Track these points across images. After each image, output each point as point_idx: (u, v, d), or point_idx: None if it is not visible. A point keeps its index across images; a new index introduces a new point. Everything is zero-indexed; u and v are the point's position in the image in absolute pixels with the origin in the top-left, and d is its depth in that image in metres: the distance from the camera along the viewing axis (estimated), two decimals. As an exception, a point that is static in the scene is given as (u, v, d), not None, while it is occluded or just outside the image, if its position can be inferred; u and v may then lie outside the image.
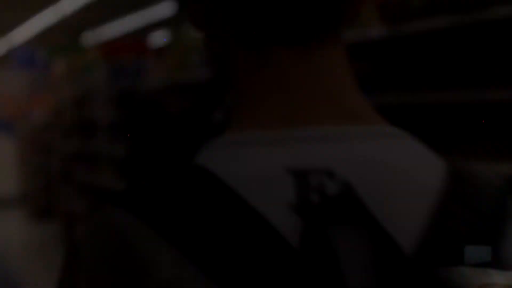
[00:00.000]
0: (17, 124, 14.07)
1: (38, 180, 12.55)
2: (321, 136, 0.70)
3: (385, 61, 4.09)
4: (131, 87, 8.10)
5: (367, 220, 0.66)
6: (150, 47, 10.63)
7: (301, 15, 0.72)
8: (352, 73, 0.75)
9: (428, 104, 4.00)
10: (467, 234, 0.69)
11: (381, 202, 0.68)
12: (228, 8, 0.72)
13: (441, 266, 0.66)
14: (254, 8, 0.71)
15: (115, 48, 13.13)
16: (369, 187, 0.69)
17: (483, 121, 3.70)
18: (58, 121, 11.69)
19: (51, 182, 11.73)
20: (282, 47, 0.73)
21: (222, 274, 0.64)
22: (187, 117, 5.41)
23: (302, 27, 0.72)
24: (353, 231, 0.66)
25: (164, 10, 14.81)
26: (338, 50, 0.74)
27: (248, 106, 0.73)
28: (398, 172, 0.71)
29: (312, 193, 0.67)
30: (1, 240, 10.75)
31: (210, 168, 0.69)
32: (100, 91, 9.43)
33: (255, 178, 0.68)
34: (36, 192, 12.58)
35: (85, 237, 0.71)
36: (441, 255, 0.67)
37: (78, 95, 10.93)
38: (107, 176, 8.10)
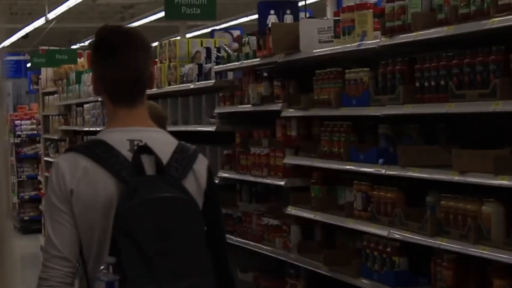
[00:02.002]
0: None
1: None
2: (137, 129, 2.70)
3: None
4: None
5: (152, 152, 2.63)
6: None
7: (132, 95, 2.73)
8: (147, 113, 2.76)
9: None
10: (182, 163, 2.68)
11: (156, 148, 2.64)
12: (104, 91, 2.74)
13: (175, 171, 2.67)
14: (113, 92, 2.73)
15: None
16: (152, 144, 2.64)
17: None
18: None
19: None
20: (123, 106, 2.73)
21: (115, 169, 2.61)
22: None
23: (132, 99, 2.72)
24: (148, 156, 2.62)
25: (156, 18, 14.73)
26: (144, 103, 2.74)
27: (111, 123, 2.74)
28: (161, 141, 2.71)
29: (134, 146, 2.65)
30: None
31: (101, 138, 2.69)
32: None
33: (116, 142, 2.66)
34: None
35: (60, 159, 2.69)
36: (173, 168, 2.65)
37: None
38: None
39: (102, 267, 2.46)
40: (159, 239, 2.46)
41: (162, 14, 14.89)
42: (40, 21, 16.95)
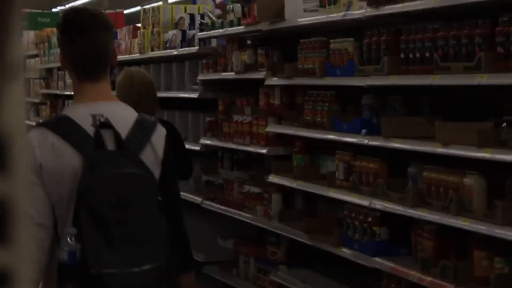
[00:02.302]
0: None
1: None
2: (100, 103, 2.87)
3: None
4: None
5: (112, 126, 2.79)
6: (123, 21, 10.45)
7: (96, 72, 2.90)
8: (109, 88, 2.96)
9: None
10: (140, 136, 2.86)
11: (116, 123, 2.80)
12: (71, 68, 2.93)
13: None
14: (79, 69, 2.91)
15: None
16: (112, 118, 2.81)
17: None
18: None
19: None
20: (88, 82, 2.90)
21: (78, 144, 2.78)
22: None
23: (96, 75, 2.90)
24: (108, 131, 2.78)
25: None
26: (107, 79, 2.92)
27: (77, 98, 2.93)
28: (121, 115, 2.88)
29: (96, 121, 2.80)
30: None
31: (67, 113, 2.88)
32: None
33: (80, 116, 2.82)
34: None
35: (31, 134, 2.80)
36: (131, 142, 2.82)
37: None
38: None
39: (65, 237, 2.68)
40: (116, 210, 2.68)
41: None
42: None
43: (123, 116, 2.86)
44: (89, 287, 2.67)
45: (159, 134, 2.91)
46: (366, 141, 4.71)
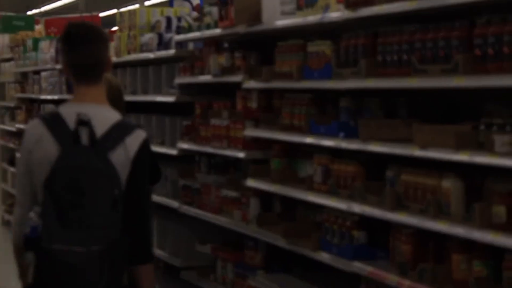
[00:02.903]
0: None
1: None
2: (87, 105, 3.34)
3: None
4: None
5: (89, 125, 3.24)
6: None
7: (90, 77, 3.39)
8: (103, 92, 3.43)
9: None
10: (114, 136, 3.27)
11: (96, 123, 3.26)
12: (71, 73, 3.43)
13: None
14: (77, 74, 3.41)
15: (64, 23, 12.75)
16: (94, 119, 3.26)
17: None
18: None
19: None
20: (83, 85, 3.39)
21: (59, 137, 3.27)
22: None
23: (89, 80, 3.39)
24: (86, 128, 3.23)
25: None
26: (101, 84, 3.41)
27: (73, 98, 3.42)
28: (103, 116, 3.31)
29: (80, 119, 3.25)
30: None
31: (59, 110, 3.37)
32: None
33: (67, 113, 3.31)
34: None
35: (29, 123, 3.48)
36: (104, 140, 3.26)
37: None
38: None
39: (32, 214, 3.24)
40: (74, 196, 3.16)
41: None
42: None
43: (105, 117, 3.32)
44: (41, 258, 3.18)
45: (135, 137, 3.31)
46: (343, 144, 4.69)
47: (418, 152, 4.06)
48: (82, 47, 3.36)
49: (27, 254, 3.24)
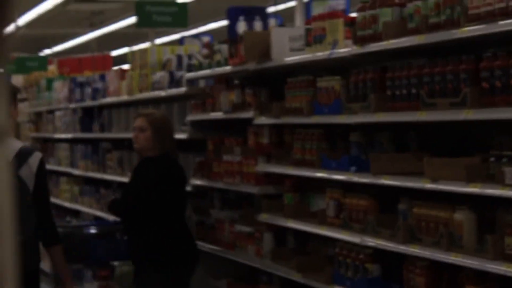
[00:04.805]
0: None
1: None
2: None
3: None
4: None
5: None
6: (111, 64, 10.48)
7: None
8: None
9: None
10: (20, 159, 4.46)
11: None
12: None
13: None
14: None
15: (76, 63, 12.88)
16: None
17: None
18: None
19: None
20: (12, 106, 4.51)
21: None
22: None
23: None
24: (22, 161, 4.48)
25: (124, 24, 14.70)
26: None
27: None
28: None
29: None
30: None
31: None
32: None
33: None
34: None
35: None
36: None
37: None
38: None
39: None
40: None
41: (131, 20, 14.84)
42: (9, 28, 16.81)
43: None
44: None
45: (35, 158, 4.50)
46: (355, 178, 4.72)
47: (429, 185, 4.09)
48: None
49: None
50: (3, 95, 0.79)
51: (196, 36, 11.00)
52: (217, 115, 6.53)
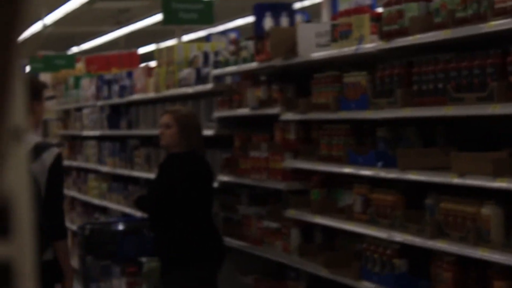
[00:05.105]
0: None
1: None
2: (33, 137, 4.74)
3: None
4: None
5: None
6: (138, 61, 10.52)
7: None
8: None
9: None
10: (34, 153, 4.50)
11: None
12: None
13: None
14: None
15: (104, 61, 12.94)
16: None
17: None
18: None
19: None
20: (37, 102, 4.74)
21: None
22: None
23: None
24: (35, 156, 4.53)
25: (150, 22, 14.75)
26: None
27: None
28: (30, 143, 4.54)
29: None
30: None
31: None
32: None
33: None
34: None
35: None
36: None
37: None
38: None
39: None
40: None
41: (157, 17, 14.92)
42: (36, 26, 16.98)
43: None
44: None
45: (50, 153, 4.54)
46: (382, 174, 4.71)
47: (456, 180, 4.08)
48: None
49: None
50: (19, 96, 0.80)
51: (223, 32, 11.03)
52: (244, 111, 6.54)
